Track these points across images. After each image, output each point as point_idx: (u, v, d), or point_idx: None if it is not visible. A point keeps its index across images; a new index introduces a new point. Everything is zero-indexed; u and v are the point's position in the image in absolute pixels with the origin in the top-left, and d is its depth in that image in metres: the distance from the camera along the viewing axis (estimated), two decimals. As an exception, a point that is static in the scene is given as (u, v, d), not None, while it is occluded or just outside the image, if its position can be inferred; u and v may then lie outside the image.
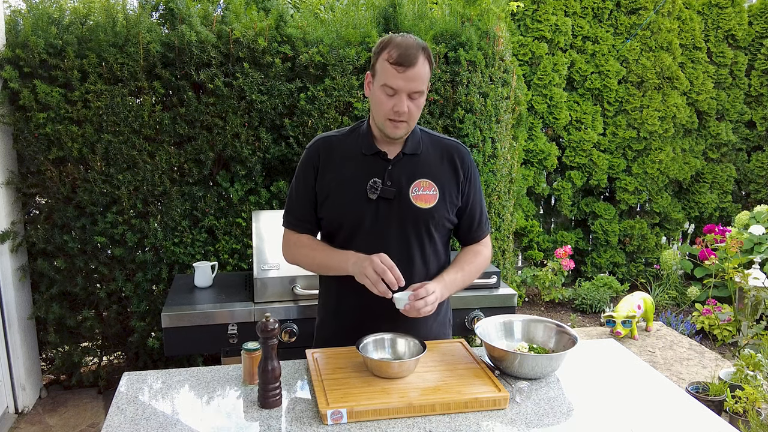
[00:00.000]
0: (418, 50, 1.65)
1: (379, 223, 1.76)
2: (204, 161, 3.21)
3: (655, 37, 5.13)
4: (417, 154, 1.80)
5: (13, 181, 3.11)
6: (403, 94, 1.66)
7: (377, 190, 1.74)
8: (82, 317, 3.26)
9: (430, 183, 1.78)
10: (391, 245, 1.76)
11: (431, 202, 1.78)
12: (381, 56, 1.67)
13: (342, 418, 1.45)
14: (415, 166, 1.79)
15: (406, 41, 1.66)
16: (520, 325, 1.84)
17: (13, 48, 2.95)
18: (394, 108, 1.66)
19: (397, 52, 1.63)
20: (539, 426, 1.47)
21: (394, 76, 1.64)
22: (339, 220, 1.80)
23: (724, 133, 5.48)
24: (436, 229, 1.82)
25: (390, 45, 1.66)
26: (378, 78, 1.68)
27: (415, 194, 1.76)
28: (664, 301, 5.05)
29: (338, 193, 1.77)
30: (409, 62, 1.63)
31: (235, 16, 3.19)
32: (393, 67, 1.63)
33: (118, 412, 1.51)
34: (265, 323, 1.49)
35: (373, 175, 1.75)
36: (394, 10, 3.40)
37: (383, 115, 1.69)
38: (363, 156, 1.78)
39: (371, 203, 1.75)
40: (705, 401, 3.02)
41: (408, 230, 1.78)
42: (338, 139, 1.84)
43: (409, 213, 1.76)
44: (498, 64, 3.57)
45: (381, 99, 1.68)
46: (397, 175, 1.77)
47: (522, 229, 5.09)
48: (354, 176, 1.77)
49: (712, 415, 1.54)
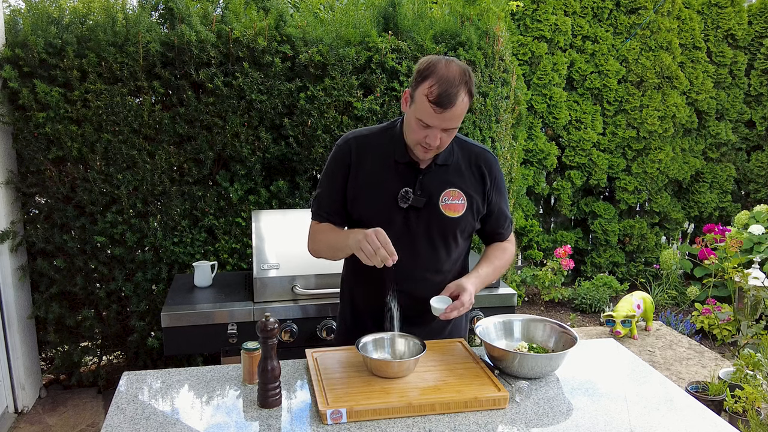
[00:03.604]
0: (459, 88, 1.59)
1: (408, 230, 1.78)
2: (204, 161, 3.21)
3: (654, 36, 5.13)
4: (447, 164, 1.80)
5: (12, 180, 3.11)
6: (437, 129, 1.63)
7: (408, 199, 1.75)
8: (82, 317, 3.26)
9: (459, 193, 1.79)
10: (419, 251, 1.79)
11: (460, 211, 1.79)
12: (422, 86, 1.61)
13: (342, 418, 1.45)
14: (446, 176, 1.79)
15: (449, 76, 1.59)
16: (519, 324, 1.84)
17: (13, 47, 2.95)
18: (427, 140, 1.65)
19: (438, 91, 1.57)
20: (539, 426, 1.47)
21: (430, 114, 1.60)
22: (367, 223, 1.78)
23: (723, 132, 5.48)
24: (461, 236, 1.84)
25: (432, 77, 1.59)
26: (415, 108, 1.64)
27: (444, 204, 1.78)
28: (664, 301, 5.05)
29: (369, 198, 1.79)
30: (449, 104, 1.58)
31: (235, 16, 3.19)
32: (431, 105, 1.58)
33: (117, 411, 1.51)
34: (265, 323, 1.49)
35: (405, 184, 1.76)
36: (394, 10, 3.40)
37: (415, 141, 1.68)
38: (396, 163, 1.78)
39: (401, 211, 1.77)
40: (705, 401, 3.02)
41: (435, 238, 1.80)
42: (371, 138, 1.83)
43: (438, 222, 1.78)
44: (498, 64, 3.57)
45: (414, 128, 1.66)
46: (428, 184, 1.77)
47: (522, 229, 5.09)
48: (386, 183, 1.77)
49: (711, 415, 1.54)
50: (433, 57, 1.66)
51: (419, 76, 1.63)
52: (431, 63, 1.63)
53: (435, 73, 1.60)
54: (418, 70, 1.64)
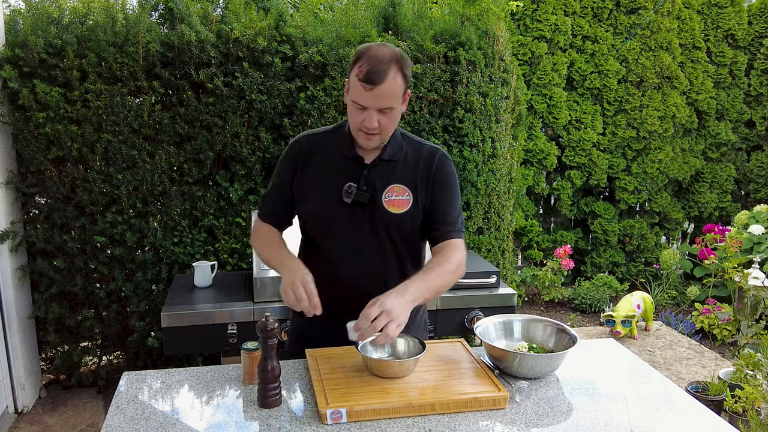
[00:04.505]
0: (389, 65, 1.60)
1: (353, 226, 1.77)
2: (203, 161, 3.21)
3: (654, 36, 5.13)
4: (394, 160, 1.79)
5: (12, 180, 3.11)
6: (373, 111, 1.64)
7: (351, 194, 1.75)
8: (82, 317, 3.26)
9: (403, 188, 1.78)
10: (364, 248, 1.78)
11: (404, 207, 1.77)
12: (353, 69, 1.64)
13: (342, 418, 1.45)
14: (391, 172, 1.78)
15: (379, 54, 1.61)
16: (519, 324, 1.84)
17: (13, 48, 2.95)
18: (363, 123, 1.65)
19: (367, 68, 1.59)
20: (539, 426, 1.47)
21: (362, 93, 1.61)
22: (313, 220, 1.82)
23: (723, 132, 5.48)
24: (409, 233, 1.82)
25: (362, 58, 1.62)
26: (350, 91, 1.67)
27: (387, 199, 1.76)
28: (664, 301, 5.05)
29: (314, 195, 1.79)
30: (378, 79, 1.59)
31: (235, 16, 3.19)
32: (361, 84, 1.60)
33: (117, 411, 1.51)
34: (265, 323, 1.49)
35: (350, 179, 1.76)
36: (394, 10, 3.40)
37: (355, 126, 1.69)
38: (342, 158, 1.78)
39: (345, 207, 1.76)
40: (704, 401, 3.02)
41: (381, 234, 1.79)
42: (321, 137, 1.85)
43: (382, 218, 1.77)
44: (497, 64, 3.57)
45: (352, 113, 1.68)
46: (373, 180, 1.77)
47: (522, 229, 5.09)
48: (331, 179, 1.78)
49: (711, 415, 1.54)
50: (367, 43, 1.68)
51: (352, 61, 1.66)
52: (363, 47, 1.66)
53: (365, 54, 1.62)
54: (352, 57, 1.68)
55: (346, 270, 1.80)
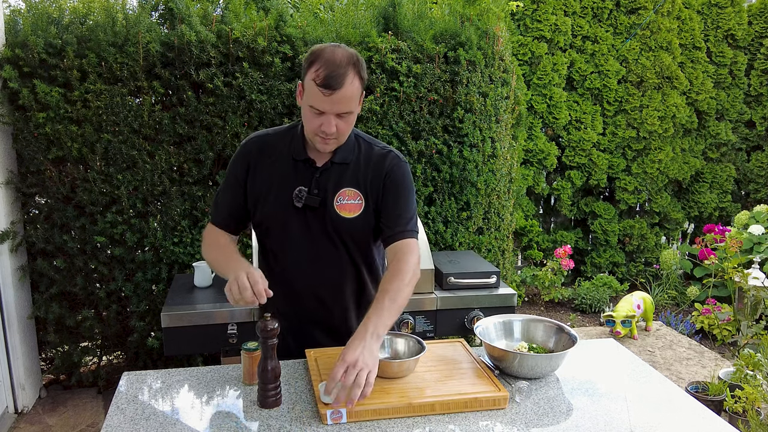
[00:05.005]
0: (346, 69, 1.56)
1: (306, 231, 1.75)
2: (203, 161, 3.21)
3: (654, 36, 5.13)
4: (346, 163, 1.75)
5: (12, 180, 3.11)
6: (331, 115, 1.60)
7: (302, 199, 1.72)
8: (82, 317, 3.26)
9: (355, 192, 1.75)
10: (319, 252, 1.76)
11: (355, 211, 1.75)
12: (308, 74, 1.58)
13: (342, 418, 1.45)
14: (342, 175, 1.75)
15: (335, 58, 1.56)
16: (519, 324, 1.84)
17: (13, 48, 2.95)
18: (321, 128, 1.61)
19: (324, 73, 1.54)
20: (539, 426, 1.47)
21: (320, 98, 1.56)
22: (266, 225, 1.78)
23: (723, 132, 5.48)
24: (361, 237, 1.79)
25: (317, 62, 1.56)
26: (306, 97, 1.61)
27: (339, 204, 1.74)
28: (664, 301, 5.05)
29: (267, 199, 1.75)
30: (336, 84, 1.54)
31: (235, 16, 3.19)
32: (319, 89, 1.55)
33: (117, 411, 1.51)
34: (265, 323, 1.49)
35: (301, 183, 1.73)
36: (394, 10, 3.40)
37: (312, 131, 1.65)
38: (293, 161, 1.75)
39: (297, 211, 1.73)
40: (704, 401, 3.02)
41: (333, 239, 1.76)
42: (273, 138, 1.80)
43: (333, 222, 1.74)
44: (497, 64, 3.57)
45: (309, 117, 1.62)
46: (324, 183, 1.74)
47: (522, 229, 5.09)
48: (282, 182, 1.74)
49: (711, 415, 1.54)
50: (321, 45, 1.63)
51: (306, 64, 1.60)
52: (317, 49, 1.61)
53: (320, 57, 1.57)
54: (306, 59, 1.61)
55: (301, 275, 1.78)
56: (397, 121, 3.33)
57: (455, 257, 3.20)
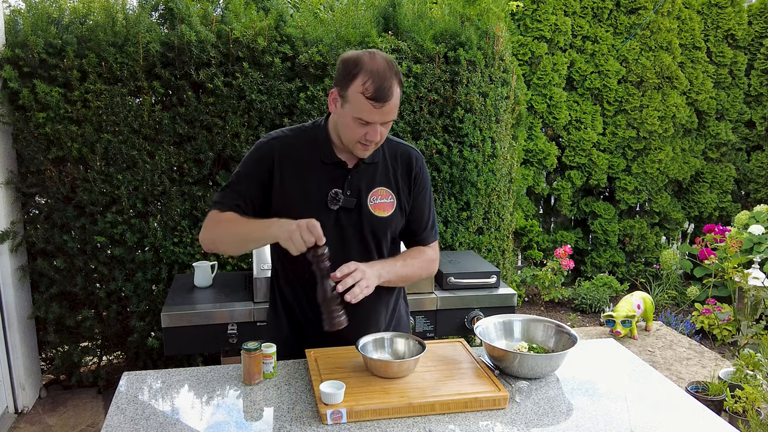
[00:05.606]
0: (392, 79, 1.57)
1: (340, 232, 1.74)
2: (204, 161, 3.21)
3: (654, 36, 5.13)
4: (375, 162, 1.77)
5: (12, 180, 3.11)
6: (377, 125, 1.61)
7: (339, 201, 1.72)
8: (82, 317, 3.26)
9: (387, 191, 1.77)
10: (351, 253, 1.75)
11: (389, 210, 1.77)
12: (353, 85, 1.57)
13: (342, 418, 1.45)
14: (373, 175, 1.77)
15: (378, 68, 1.56)
16: (519, 324, 1.84)
17: (13, 48, 2.95)
18: (367, 137, 1.62)
19: (373, 86, 1.55)
20: (539, 426, 1.47)
21: (369, 110, 1.57)
22: None
23: (723, 132, 5.48)
24: (393, 235, 1.82)
25: (363, 74, 1.56)
26: (350, 108, 1.60)
27: (373, 203, 1.75)
28: (664, 301, 5.05)
29: (299, 204, 1.73)
30: (386, 96, 1.56)
31: (235, 16, 3.19)
32: (369, 102, 1.56)
33: (117, 411, 1.51)
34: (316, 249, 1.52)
35: (334, 185, 1.73)
36: (394, 10, 3.40)
37: (354, 139, 1.65)
38: (322, 164, 1.74)
39: (331, 213, 1.73)
40: (705, 401, 3.02)
41: (367, 238, 1.78)
42: (294, 140, 1.77)
43: (368, 222, 1.75)
44: (498, 64, 3.57)
45: (352, 127, 1.62)
46: (357, 184, 1.74)
47: (522, 229, 5.09)
48: (315, 186, 1.73)
49: (711, 415, 1.54)
50: (354, 53, 1.62)
51: (347, 75, 1.59)
52: (356, 59, 1.59)
53: (364, 68, 1.57)
54: (344, 68, 1.60)
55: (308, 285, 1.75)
56: (397, 121, 3.33)
57: (455, 257, 3.20)
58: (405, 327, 1.97)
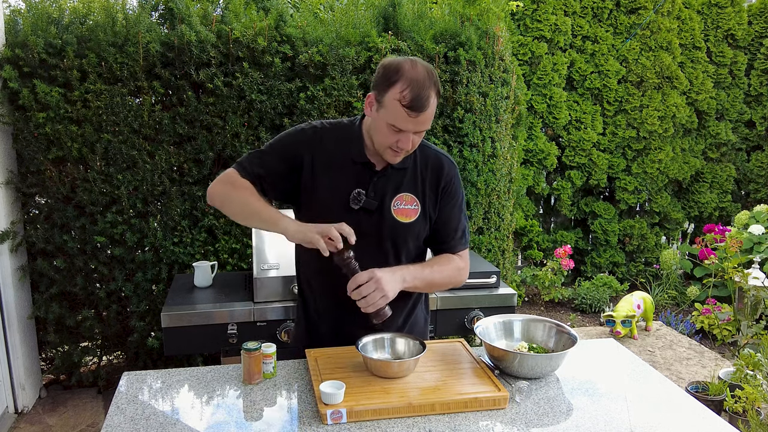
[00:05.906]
0: (430, 89, 1.57)
1: (358, 233, 1.71)
2: (204, 161, 3.21)
3: (654, 36, 5.13)
4: (404, 168, 1.76)
5: (12, 180, 3.11)
6: (409, 133, 1.61)
7: (360, 201, 1.72)
8: (82, 317, 3.26)
9: (412, 197, 1.76)
10: (366, 255, 1.71)
11: (412, 217, 1.76)
12: (391, 92, 1.57)
13: (342, 418, 1.45)
14: (401, 180, 1.76)
15: (418, 77, 1.56)
16: (519, 324, 1.84)
17: (13, 48, 2.95)
18: (399, 144, 1.62)
19: (411, 95, 1.54)
20: (539, 426, 1.47)
21: (404, 119, 1.57)
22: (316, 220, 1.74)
23: (723, 132, 5.48)
24: (414, 243, 1.80)
25: (402, 81, 1.55)
26: (385, 113, 1.59)
27: (396, 208, 1.74)
28: (664, 301, 5.05)
29: (322, 197, 1.74)
30: (423, 106, 1.56)
31: (235, 16, 3.19)
32: (405, 110, 1.55)
33: (117, 411, 1.51)
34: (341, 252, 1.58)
35: (359, 185, 1.72)
36: (394, 10, 3.40)
37: (385, 145, 1.64)
38: (352, 163, 1.74)
39: (352, 213, 1.72)
40: (705, 401, 3.02)
41: (385, 243, 1.76)
42: (332, 133, 1.78)
43: (389, 227, 1.74)
44: (498, 64, 3.57)
45: (386, 133, 1.62)
46: (382, 187, 1.74)
47: (522, 229, 5.09)
48: (340, 183, 1.73)
49: (711, 415, 1.54)
50: (396, 59, 1.61)
51: (386, 81, 1.58)
52: (396, 65, 1.59)
53: (404, 76, 1.56)
54: (384, 74, 1.60)
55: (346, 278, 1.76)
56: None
57: (455, 257, 3.19)
58: (420, 334, 1.94)
